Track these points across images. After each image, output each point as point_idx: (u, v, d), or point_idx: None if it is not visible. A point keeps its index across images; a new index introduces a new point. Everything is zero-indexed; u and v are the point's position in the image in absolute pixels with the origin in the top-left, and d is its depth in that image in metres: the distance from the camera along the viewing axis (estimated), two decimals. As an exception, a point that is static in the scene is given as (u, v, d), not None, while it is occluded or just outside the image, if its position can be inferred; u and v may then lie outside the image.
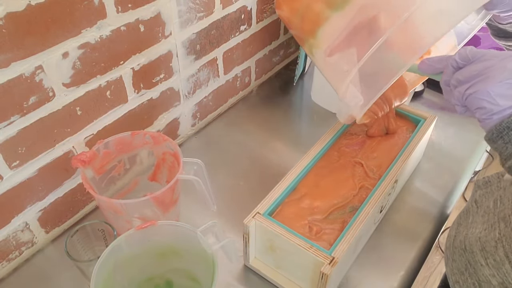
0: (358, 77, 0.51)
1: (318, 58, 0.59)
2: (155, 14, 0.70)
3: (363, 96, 0.51)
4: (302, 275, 0.62)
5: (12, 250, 0.67)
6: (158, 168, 0.72)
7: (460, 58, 0.43)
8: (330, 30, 0.55)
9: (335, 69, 0.56)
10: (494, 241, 0.46)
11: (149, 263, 0.59)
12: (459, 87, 0.44)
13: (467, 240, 0.51)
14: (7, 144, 0.58)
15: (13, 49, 0.53)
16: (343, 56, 0.53)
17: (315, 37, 0.57)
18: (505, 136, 0.41)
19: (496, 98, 0.40)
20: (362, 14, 0.51)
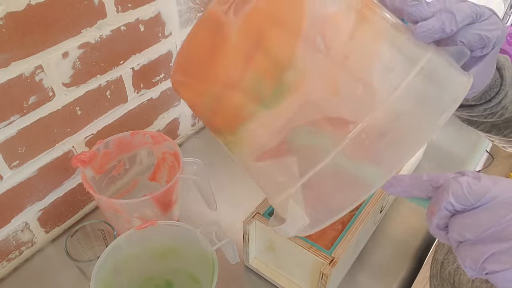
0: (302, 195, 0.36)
1: (240, 157, 0.43)
2: (155, 14, 0.70)
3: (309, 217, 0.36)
4: (302, 275, 0.62)
5: (12, 250, 0.67)
6: (158, 168, 0.72)
7: (457, 201, 0.30)
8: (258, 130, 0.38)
9: (267, 177, 0.41)
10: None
11: (149, 263, 0.59)
12: (468, 250, 0.30)
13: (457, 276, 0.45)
14: (7, 144, 0.58)
15: (13, 49, 0.53)
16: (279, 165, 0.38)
17: (235, 134, 0.40)
18: None
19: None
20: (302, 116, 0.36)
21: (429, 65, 0.35)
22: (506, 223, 0.28)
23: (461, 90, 0.36)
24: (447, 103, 0.35)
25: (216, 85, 0.38)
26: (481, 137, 0.94)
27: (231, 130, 0.40)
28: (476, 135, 0.94)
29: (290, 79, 0.35)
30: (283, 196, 0.37)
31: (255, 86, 0.36)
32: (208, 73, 0.38)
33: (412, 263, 0.70)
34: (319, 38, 0.34)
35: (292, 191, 0.36)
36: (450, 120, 0.42)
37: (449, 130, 0.94)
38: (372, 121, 0.33)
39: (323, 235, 0.61)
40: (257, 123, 0.37)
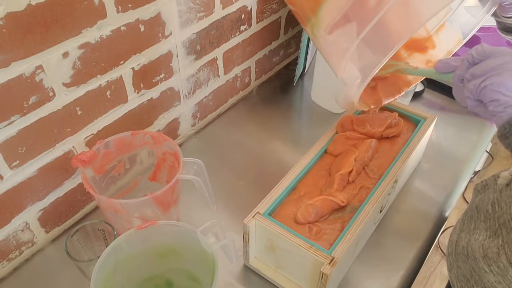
0: (357, 54, 0.51)
1: (319, 38, 0.58)
2: (155, 14, 0.70)
3: (360, 74, 0.51)
4: (302, 275, 0.62)
5: (12, 250, 0.67)
6: (158, 168, 0.72)
7: (477, 53, 0.44)
8: (332, 6, 0.54)
9: (335, 47, 0.55)
10: (496, 247, 0.45)
11: (149, 263, 0.59)
12: (473, 81, 0.44)
13: (470, 246, 0.50)
14: (7, 144, 0.58)
15: (13, 49, 0.53)
16: (343, 33, 0.53)
17: (317, 16, 0.56)
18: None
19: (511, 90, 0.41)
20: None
21: None
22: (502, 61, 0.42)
23: None
24: None
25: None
26: (481, 137, 0.94)
27: (315, 12, 0.56)
28: (476, 135, 0.94)
29: None
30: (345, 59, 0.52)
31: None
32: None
33: (412, 263, 0.70)
34: None
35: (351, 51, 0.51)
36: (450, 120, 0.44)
37: (449, 130, 0.94)
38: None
39: (323, 235, 0.61)
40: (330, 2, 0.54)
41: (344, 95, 0.55)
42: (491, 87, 0.42)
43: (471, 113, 0.99)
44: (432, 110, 1.00)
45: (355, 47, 0.51)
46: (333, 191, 0.66)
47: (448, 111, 0.99)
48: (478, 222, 0.52)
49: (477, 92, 0.44)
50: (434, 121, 0.79)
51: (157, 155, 0.71)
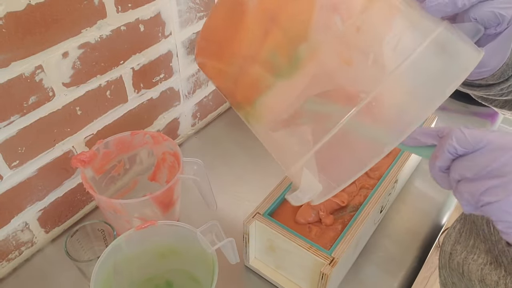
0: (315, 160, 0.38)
1: (257, 130, 0.44)
2: (155, 14, 0.70)
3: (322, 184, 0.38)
4: (302, 275, 0.62)
5: (12, 250, 0.67)
6: (158, 168, 0.72)
7: (459, 144, 0.34)
8: (274, 101, 0.40)
9: (282, 146, 0.42)
10: (497, 276, 0.43)
11: (149, 263, 0.59)
12: (466, 186, 0.34)
13: (466, 265, 0.47)
14: (7, 144, 0.58)
15: (13, 49, 0.53)
16: (293, 134, 0.40)
17: (253, 107, 0.42)
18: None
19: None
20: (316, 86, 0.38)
21: (440, 38, 0.36)
22: (501, 163, 0.32)
23: (471, 62, 0.37)
24: (456, 73, 0.36)
25: (237, 58, 0.41)
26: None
27: (250, 102, 0.41)
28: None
29: (305, 52, 0.37)
30: (298, 165, 0.38)
31: (272, 59, 0.38)
32: (229, 48, 0.41)
33: (412, 263, 0.70)
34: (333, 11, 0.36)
35: (306, 158, 0.37)
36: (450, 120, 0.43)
37: (449, 130, 0.94)
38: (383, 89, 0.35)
39: (323, 235, 0.61)
40: (273, 94, 0.39)
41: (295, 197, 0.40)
42: (499, 206, 0.32)
43: (471, 113, 0.99)
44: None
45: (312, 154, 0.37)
46: None
47: (448, 111, 0.99)
48: (477, 240, 0.48)
49: (476, 205, 0.34)
50: (434, 121, 0.79)
51: (157, 155, 0.71)
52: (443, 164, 0.35)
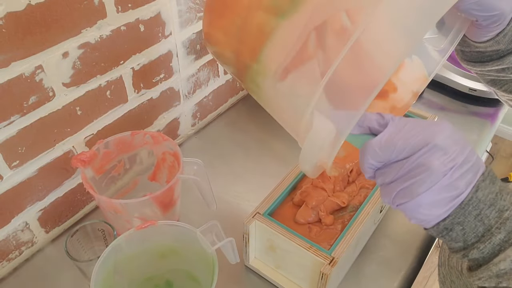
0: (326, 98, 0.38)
1: (266, 88, 0.43)
2: (155, 14, 0.70)
3: (335, 124, 0.38)
4: (302, 275, 0.62)
5: (12, 250, 0.67)
6: (158, 168, 0.72)
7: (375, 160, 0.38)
8: (279, 44, 0.40)
9: (291, 97, 0.42)
10: None
11: (149, 263, 0.59)
12: (384, 189, 0.39)
13: (465, 263, 0.49)
14: (7, 144, 0.58)
15: (13, 49, 0.53)
16: (301, 75, 0.40)
17: (259, 60, 0.42)
18: (446, 236, 0.39)
19: (429, 208, 0.37)
20: (317, 17, 0.39)
21: None
22: (406, 170, 0.37)
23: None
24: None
25: (241, 11, 0.43)
26: (481, 137, 0.94)
27: (256, 54, 0.42)
28: (476, 135, 0.94)
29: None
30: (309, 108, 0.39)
31: (274, 1, 0.40)
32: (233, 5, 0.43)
33: (412, 263, 0.70)
34: None
35: (317, 96, 0.38)
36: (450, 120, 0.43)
37: (449, 130, 0.94)
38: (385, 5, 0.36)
39: (323, 235, 0.61)
40: (278, 36, 0.40)
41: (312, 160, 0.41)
42: (407, 207, 0.37)
43: (471, 113, 0.99)
44: (432, 110, 1.00)
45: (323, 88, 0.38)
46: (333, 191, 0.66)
47: (448, 111, 0.99)
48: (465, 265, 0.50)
49: (393, 205, 0.39)
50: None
51: (157, 155, 0.71)
52: (369, 175, 0.40)
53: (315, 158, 0.41)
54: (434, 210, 0.37)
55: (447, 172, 0.36)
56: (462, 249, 0.39)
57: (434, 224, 0.39)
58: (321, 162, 0.41)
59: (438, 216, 0.38)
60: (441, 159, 0.36)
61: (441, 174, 0.36)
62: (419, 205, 0.37)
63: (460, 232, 0.38)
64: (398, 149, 0.37)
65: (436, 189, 0.36)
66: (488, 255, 0.37)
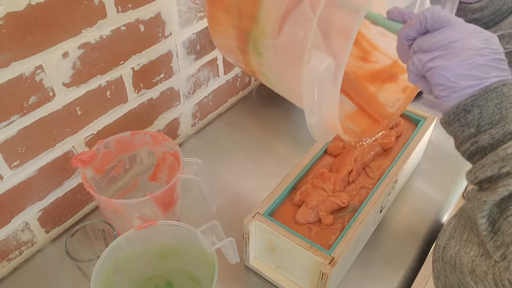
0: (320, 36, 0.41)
1: (266, 51, 0.46)
2: (155, 14, 0.70)
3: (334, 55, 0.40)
4: (302, 275, 0.62)
5: (12, 250, 0.67)
6: (158, 168, 0.72)
7: (431, 18, 0.41)
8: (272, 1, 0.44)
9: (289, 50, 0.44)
10: (486, 266, 0.44)
11: (149, 263, 0.59)
12: (419, 55, 0.42)
13: (458, 258, 0.49)
14: (7, 144, 0.58)
15: (13, 49, 0.53)
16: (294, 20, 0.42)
17: (257, 23, 0.45)
18: (461, 118, 0.40)
19: (457, 77, 0.39)
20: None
21: None
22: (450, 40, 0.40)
23: None
24: None
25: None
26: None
27: (254, 18, 0.45)
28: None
29: None
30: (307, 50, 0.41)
31: None
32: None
33: (412, 263, 0.70)
34: None
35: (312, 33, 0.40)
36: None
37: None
38: None
39: (323, 235, 0.61)
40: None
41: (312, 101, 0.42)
42: (437, 71, 0.40)
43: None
44: (432, 110, 1.00)
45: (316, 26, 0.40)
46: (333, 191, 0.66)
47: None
48: (471, 234, 0.50)
49: (422, 70, 0.42)
50: (434, 121, 0.79)
51: (157, 155, 0.71)
52: (410, 33, 0.42)
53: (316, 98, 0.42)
54: (461, 81, 0.39)
55: (486, 55, 0.39)
56: (473, 136, 0.40)
57: (455, 100, 0.40)
58: (328, 112, 0.44)
59: (462, 89, 0.39)
60: (485, 44, 0.39)
61: (480, 54, 0.39)
62: (450, 70, 0.39)
63: (477, 115, 0.40)
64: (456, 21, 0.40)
65: (470, 63, 0.39)
66: (497, 141, 0.39)
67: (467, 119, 0.40)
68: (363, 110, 0.56)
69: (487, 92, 0.39)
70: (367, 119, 0.55)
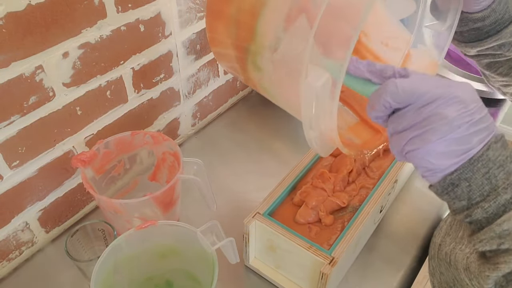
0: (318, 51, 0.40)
1: (265, 67, 0.46)
2: (155, 14, 0.70)
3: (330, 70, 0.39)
4: (302, 275, 0.62)
5: (12, 250, 0.67)
6: (158, 168, 0.72)
7: (393, 99, 0.38)
8: (269, 15, 0.43)
9: (287, 62, 0.43)
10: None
11: (149, 263, 0.59)
12: (395, 137, 0.39)
13: (453, 255, 0.49)
14: (7, 144, 0.58)
15: (13, 49, 0.53)
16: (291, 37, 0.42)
17: (255, 39, 0.45)
18: (450, 192, 0.39)
19: (438, 158, 0.37)
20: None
21: None
22: (422, 117, 0.37)
23: None
24: None
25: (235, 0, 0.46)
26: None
27: (252, 34, 0.45)
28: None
29: None
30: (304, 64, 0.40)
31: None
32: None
33: (412, 263, 0.70)
34: None
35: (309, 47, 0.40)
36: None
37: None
38: None
39: (323, 235, 0.61)
40: (268, 7, 0.43)
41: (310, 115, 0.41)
42: (416, 154, 0.37)
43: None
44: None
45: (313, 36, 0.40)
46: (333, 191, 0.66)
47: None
48: (466, 232, 0.50)
49: (402, 154, 0.39)
50: (434, 121, 0.79)
51: (157, 155, 0.71)
52: (379, 115, 0.40)
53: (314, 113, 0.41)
54: (443, 161, 0.37)
55: (463, 125, 0.36)
56: (465, 209, 0.39)
57: (441, 177, 0.38)
58: (326, 127, 0.42)
59: (446, 168, 0.37)
60: (460, 111, 0.36)
61: (456, 126, 0.36)
62: (429, 153, 0.37)
63: (466, 189, 0.38)
64: (420, 93, 0.37)
65: (449, 139, 0.36)
66: (492, 215, 0.37)
67: (456, 192, 0.38)
68: (365, 121, 0.55)
69: (471, 163, 0.37)
70: (368, 131, 0.55)
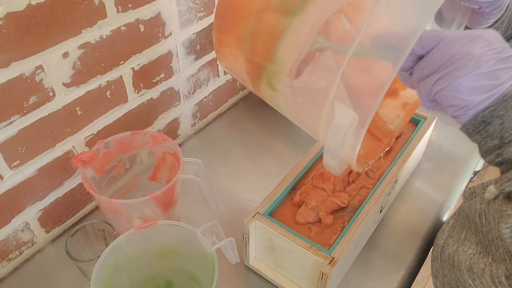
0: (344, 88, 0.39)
1: (282, 88, 0.44)
2: (155, 14, 0.70)
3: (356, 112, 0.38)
4: (302, 275, 0.62)
5: (12, 250, 0.67)
6: (158, 168, 0.72)
7: (420, 44, 0.38)
8: (292, 41, 0.41)
9: (307, 93, 0.42)
10: (484, 264, 0.44)
11: (149, 263, 0.59)
12: (423, 82, 0.39)
13: (456, 256, 0.49)
14: (7, 144, 0.58)
15: (13, 49, 0.53)
16: (316, 68, 0.40)
17: (273, 61, 0.43)
18: (482, 131, 0.38)
19: (468, 93, 0.36)
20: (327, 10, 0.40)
21: None
22: (448, 56, 0.36)
23: None
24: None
25: (251, 17, 0.43)
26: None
27: (270, 55, 0.42)
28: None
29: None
30: (329, 100, 0.39)
31: (283, 1, 0.41)
32: (242, 11, 0.44)
33: (412, 263, 0.70)
34: None
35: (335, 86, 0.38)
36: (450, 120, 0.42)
37: (449, 130, 0.94)
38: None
39: (323, 235, 0.61)
40: (290, 34, 0.41)
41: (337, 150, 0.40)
42: (445, 92, 0.37)
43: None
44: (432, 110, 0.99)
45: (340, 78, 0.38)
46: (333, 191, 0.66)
47: (448, 111, 0.99)
48: (469, 233, 0.50)
49: (431, 96, 0.39)
50: (434, 121, 0.79)
51: (157, 155, 0.71)
52: (405, 65, 0.39)
53: (340, 149, 0.40)
54: (473, 96, 0.36)
55: (490, 61, 0.35)
56: (497, 148, 0.38)
57: (472, 115, 0.37)
58: (346, 155, 0.41)
59: (477, 104, 0.36)
60: (485, 48, 0.35)
61: (484, 61, 0.35)
62: (458, 89, 0.36)
63: (498, 126, 0.37)
64: (442, 36, 0.37)
65: (477, 73, 0.35)
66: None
67: (488, 131, 0.37)
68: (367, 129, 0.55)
69: (505, 100, 0.36)
70: (370, 139, 0.54)
